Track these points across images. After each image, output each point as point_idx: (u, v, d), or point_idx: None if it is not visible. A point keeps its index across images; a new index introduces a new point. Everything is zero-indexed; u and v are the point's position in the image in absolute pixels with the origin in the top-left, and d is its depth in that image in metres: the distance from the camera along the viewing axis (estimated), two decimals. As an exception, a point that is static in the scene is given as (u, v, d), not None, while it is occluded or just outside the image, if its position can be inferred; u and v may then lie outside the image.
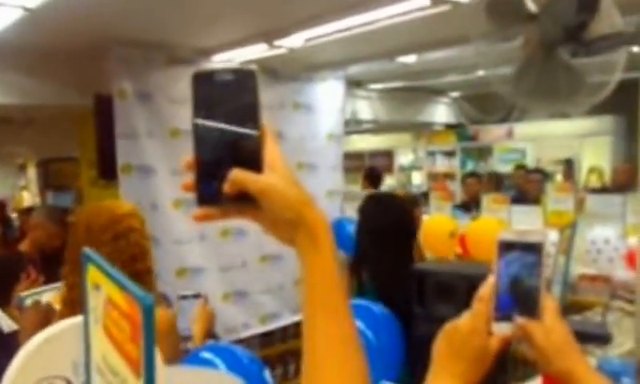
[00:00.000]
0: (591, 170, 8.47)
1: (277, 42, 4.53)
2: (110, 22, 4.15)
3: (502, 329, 1.01)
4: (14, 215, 9.57)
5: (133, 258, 2.00)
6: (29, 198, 11.17)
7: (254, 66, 0.89)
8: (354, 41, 4.44)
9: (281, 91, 5.72)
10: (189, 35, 4.68)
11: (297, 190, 0.80)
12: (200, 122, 0.77)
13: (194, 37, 4.73)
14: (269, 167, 0.78)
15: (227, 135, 0.77)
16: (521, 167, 7.93)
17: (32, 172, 10.96)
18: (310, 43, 4.51)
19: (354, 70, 6.07)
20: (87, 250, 0.80)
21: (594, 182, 8.05)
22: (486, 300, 1.02)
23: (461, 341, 1.01)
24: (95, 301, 0.76)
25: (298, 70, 5.74)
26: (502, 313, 1.01)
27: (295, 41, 4.47)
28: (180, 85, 5.00)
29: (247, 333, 5.57)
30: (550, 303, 1.03)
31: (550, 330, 1.01)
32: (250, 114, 0.78)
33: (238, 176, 0.76)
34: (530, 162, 8.90)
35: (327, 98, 6.13)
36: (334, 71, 6.03)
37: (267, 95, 5.60)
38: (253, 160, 0.77)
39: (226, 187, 0.76)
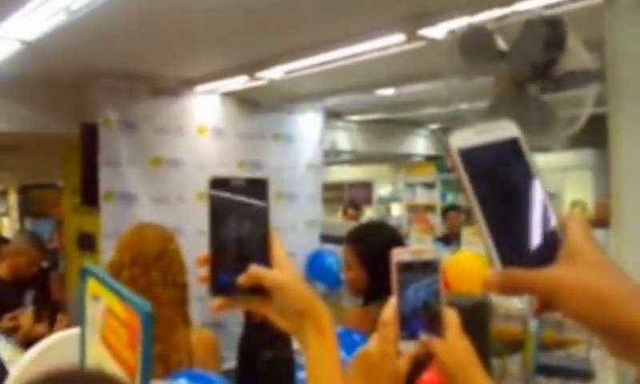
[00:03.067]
0: (574, 204, 8.50)
1: (258, 74, 4.64)
2: (96, 53, 4.26)
3: (408, 347, 1.03)
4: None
5: (185, 272, 2.16)
6: (8, 224, 11.08)
7: (265, 176, 0.98)
8: (333, 73, 4.56)
9: (261, 121, 5.81)
10: (173, 66, 4.79)
11: (305, 285, 0.92)
12: (215, 221, 0.87)
13: (177, 68, 4.84)
14: (278, 264, 0.89)
15: (240, 234, 0.88)
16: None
17: (13, 198, 10.89)
18: (289, 75, 4.63)
19: (333, 101, 6.18)
20: (89, 265, 0.86)
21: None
22: (390, 323, 1.04)
23: (372, 366, 1.03)
24: (93, 311, 0.82)
25: (278, 100, 5.85)
26: (408, 332, 1.03)
27: (275, 73, 4.59)
28: (164, 114, 5.10)
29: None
30: (451, 320, 1.06)
31: (451, 346, 1.04)
32: (260, 216, 0.89)
33: (255, 271, 0.87)
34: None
35: (307, 129, 6.23)
36: (313, 103, 6.14)
37: (247, 125, 5.70)
38: (264, 257, 0.88)
39: (243, 280, 0.86)
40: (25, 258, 4.27)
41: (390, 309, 1.04)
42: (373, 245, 2.51)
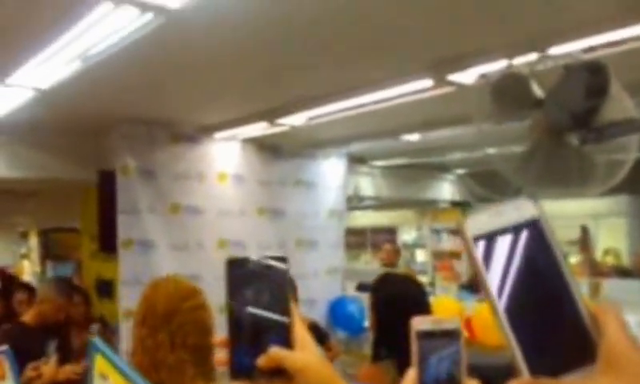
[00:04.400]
0: (606, 252, 8.24)
1: (279, 120, 4.55)
2: (114, 100, 4.23)
3: None
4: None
5: (205, 331, 2.07)
6: (29, 266, 11.12)
7: (284, 255, 0.92)
8: (357, 119, 4.45)
9: (282, 168, 5.73)
10: (192, 113, 4.74)
11: (328, 367, 0.87)
12: (234, 303, 0.85)
13: (197, 114, 4.79)
14: (300, 346, 0.85)
15: (260, 316, 0.85)
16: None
17: (33, 241, 10.96)
18: (312, 122, 4.53)
19: (357, 146, 6.08)
20: (96, 339, 0.82)
21: (611, 264, 7.82)
22: None
23: None
24: None
25: (300, 146, 5.77)
26: None
27: (298, 119, 4.50)
28: (183, 161, 5.04)
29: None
30: None
31: None
32: (280, 296, 0.86)
33: (276, 353, 0.83)
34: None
35: (329, 175, 6.14)
36: (336, 148, 6.06)
37: (268, 172, 5.62)
38: (284, 338, 0.84)
39: (263, 362, 0.82)
40: (51, 305, 4.25)
41: (410, 380, 0.98)
42: (388, 294, 2.46)
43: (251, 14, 2.72)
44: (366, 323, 2.78)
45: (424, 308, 2.47)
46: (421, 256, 10.92)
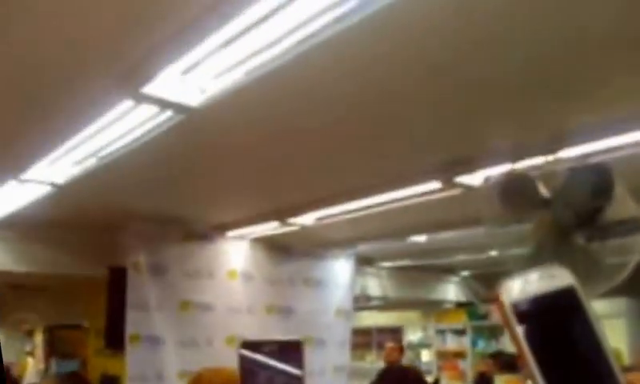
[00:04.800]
0: (611, 355, 8.16)
1: (289, 220, 4.63)
2: (127, 197, 4.31)
3: None
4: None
5: None
6: (33, 364, 10.89)
7: (300, 340, 0.96)
8: (365, 220, 4.53)
9: (291, 266, 5.77)
10: (204, 211, 4.84)
11: None
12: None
13: (209, 213, 4.88)
14: None
15: None
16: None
17: (39, 338, 10.77)
18: (321, 222, 4.61)
19: (365, 247, 6.14)
20: None
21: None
22: None
23: None
24: None
25: (310, 246, 5.83)
26: None
27: (307, 219, 4.57)
28: (194, 259, 5.09)
29: None
30: None
31: None
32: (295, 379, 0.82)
33: None
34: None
35: (338, 275, 6.17)
36: (344, 249, 6.12)
37: (277, 270, 5.65)
38: None
39: None
40: None
41: None
42: None
43: (263, 114, 2.78)
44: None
45: None
46: (426, 356, 10.73)
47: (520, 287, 0.63)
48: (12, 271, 5.15)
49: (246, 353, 0.95)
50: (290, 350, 1.03)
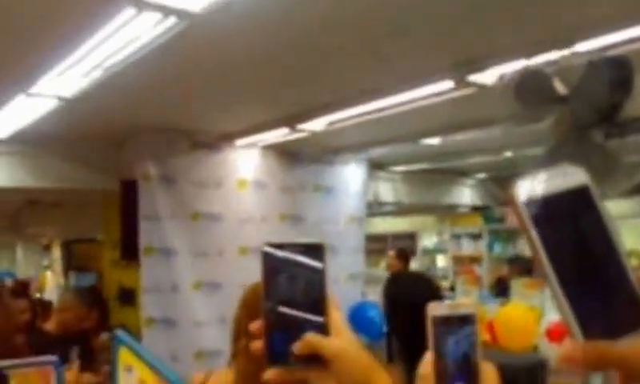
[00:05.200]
0: (629, 254, 8.14)
1: (298, 126, 4.54)
2: (134, 109, 4.27)
3: None
4: (37, 295, 9.57)
5: None
6: (52, 278, 11.20)
7: (322, 242, 0.92)
8: (377, 124, 4.43)
9: (301, 173, 5.72)
10: (212, 121, 4.77)
11: (365, 354, 0.86)
12: (269, 288, 0.84)
13: (216, 122, 4.81)
14: (336, 332, 0.84)
15: (295, 301, 0.84)
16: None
17: (56, 252, 11.05)
18: (331, 127, 4.52)
19: (377, 152, 6.05)
20: (120, 332, 0.87)
21: (634, 265, 7.71)
22: (427, 378, 1.01)
23: None
24: (126, 382, 0.80)
25: (320, 152, 5.76)
26: None
27: (317, 124, 4.48)
28: (203, 169, 5.06)
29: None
30: (489, 373, 1.04)
31: None
32: (317, 282, 0.85)
33: (312, 339, 0.82)
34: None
35: (349, 181, 6.12)
36: (355, 154, 6.04)
37: (288, 178, 5.61)
38: (320, 325, 0.84)
39: (299, 349, 0.82)
40: (72, 314, 4.30)
41: (427, 363, 1.01)
42: (396, 293, 2.46)
43: (271, 18, 2.72)
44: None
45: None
46: (441, 261, 10.86)
47: (533, 186, 0.62)
48: (27, 187, 5.21)
49: (270, 251, 0.91)
50: (313, 251, 1.02)
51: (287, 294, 0.84)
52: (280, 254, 0.85)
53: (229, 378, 2.02)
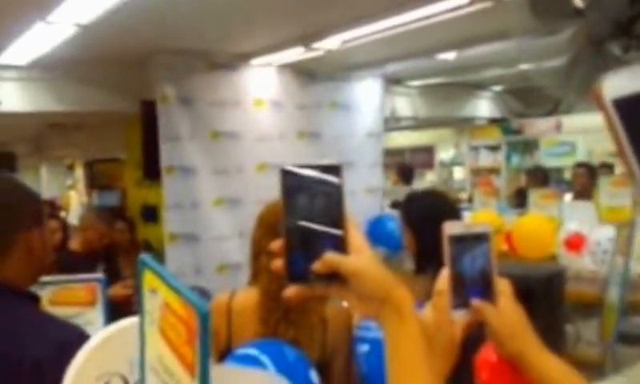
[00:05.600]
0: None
1: (314, 45, 4.52)
2: (152, 32, 4.28)
3: (461, 315, 1.07)
4: (62, 213, 9.83)
5: None
6: (76, 197, 11.42)
7: (339, 162, 0.93)
8: (392, 40, 4.39)
9: (318, 91, 5.73)
10: (228, 41, 4.75)
11: (383, 271, 0.87)
12: (288, 208, 0.85)
13: (232, 42, 4.80)
14: (356, 250, 0.85)
15: (314, 221, 0.85)
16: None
17: (79, 172, 11.21)
18: (347, 45, 4.49)
19: (393, 67, 6.00)
20: (145, 256, 0.84)
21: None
22: (443, 293, 1.07)
23: (429, 337, 1.03)
24: (151, 304, 0.81)
25: (335, 70, 5.74)
26: (461, 301, 1.07)
27: (332, 43, 4.46)
28: (220, 89, 5.09)
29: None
30: (503, 288, 1.09)
31: (503, 312, 1.06)
32: (335, 202, 0.86)
33: (330, 258, 0.83)
34: (581, 155, 8.59)
35: (365, 97, 6.12)
36: (371, 70, 6.00)
37: (304, 96, 5.63)
38: (339, 243, 0.85)
39: (318, 268, 0.83)
40: (95, 232, 4.47)
41: (444, 279, 1.08)
42: (419, 211, 2.46)
43: None
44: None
45: (454, 216, 2.47)
46: (459, 173, 10.89)
47: (623, 81, 0.59)
48: (48, 111, 5.31)
49: (288, 171, 0.93)
50: (330, 172, 1.04)
51: (306, 214, 0.85)
52: (298, 174, 0.86)
53: (253, 296, 2.06)
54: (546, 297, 2.83)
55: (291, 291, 0.85)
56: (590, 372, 3.05)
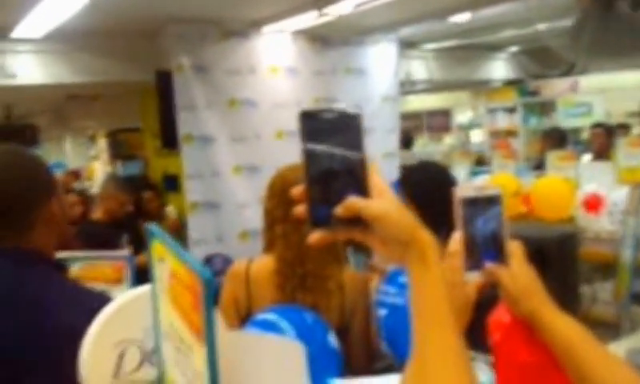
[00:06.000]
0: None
1: (326, 10, 4.52)
2: (165, 1, 4.30)
3: (474, 277, 1.10)
4: (87, 183, 9.99)
5: None
6: (100, 167, 11.54)
7: (358, 110, 0.94)
8: (405, 2, 4.39)
9: (332, 57, 5.73)
10: (241, 8, 4.76)
11: (407, 214, 0.86)
12: (309, 153, 0.84)
13: (245, 9, 4.81)
14: (378, 193, 0.84)
15: (335, 166, 0.84)
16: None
17: (102, 142, 11.31)
18: (359, 8, 4.49)
19: (407, 31, 5.98)
20: (152, 226, 0.87)
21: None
22: (456, 254, 1.09)
23: None
24: (160, 272, 0.84)
25: (349, 34, 5.72)
26: (473, 262, 1.09)
27: (345, 7, 4.46)
28: (234, 57, 5.12)
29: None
30: (516, 249, 1.11)
31: (516, 273, 1.08)
32: (355, 145, 0.85)
33: (353, 202, 0.82)
34: (598, 116, 8.50)
35: (380, 61, 6.10)
36: (385, 34, 5.97)
37: (317, 61, 5.64)
38: (361, 187, 0.84)
39: (340, 212, 0.82)
40: (115, 201, 4.54)
41: (456, 241, 1.10)
42: (421, 184, 2.43)
43: None
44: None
45: (453, 184, 2.46)
46: (475, 136, 10.82)
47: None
48: (65, 83, 5.36)
49: (308, 115, 0.95)
50: (349, 118, 1.04)
51: (327, 158, 0.84)
52: (318, 117, 0.85)
53: (269, 263, 2.08)
54: (559, 258, 2.84)
55: (314, 237, 0.84)
56: (606, 331, 3.07)
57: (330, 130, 0.84)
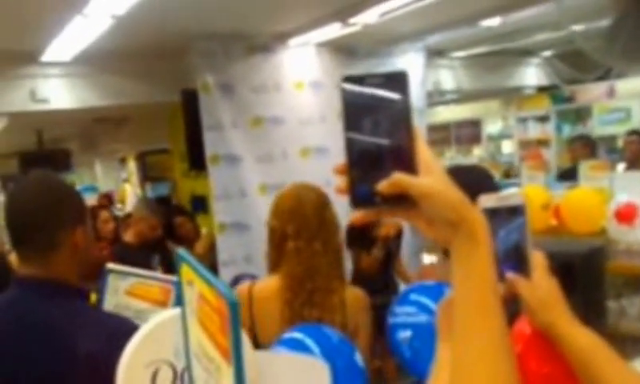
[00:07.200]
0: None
1: (351, 20, 4.46)
2: (188, 18, 4.29)
3: None
4: (119, 206, 10.08)
5: (339, 231, 2.19)
6: (131, 189, 11.70)
7: (404, 70, 0.87)
8: (432, 9, 4.29)
9: (359, 69, 5.62)
10: (264, 22, 4.74)
11: (455, 191, 0.80)
12: (350, 125, 0.78)
13: (269, 23, 4.78)
14: (425, 169, 0.78)
15: (380, 138, 0.77)
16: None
17: (132, 165, 11.47)
18: (385, 17, 4.40)
19: (435, 39, 5.87)
20: (181, 251, 0.88)
21: None
22: None
23: None
24: (189, 295, 0.86)
25: (375, 45, 5.65)
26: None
27: (370, 16, 4.38)
28: (259, 73, 5.08)
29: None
30: (538, 261, 1.09)
31: (536, 285, 1.08)
32: (401, 116, 0.78)
33: (399, 179, 0.76)
34: (637, 122, 8.19)
35: (408, 71, 5.99)
36: (413, 43, 5.88)
37: (343, 74, 5.54)
38: (407, 162, 0.77)
39: (385, 188, 0.76)
40: (146, 223, 4.55)
41: None
42: (461, 188, 2.37)
43: None
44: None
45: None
46: (507, 147, 10.58)
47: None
48: (92, 106, 5.41)
49: (348, 84, 0.89)
50: (394, 82, 0.97)
51: (370, 130, 0.77)
52: (360, 86, 0.78)
53: (274, 283, 2.11)
54: (586, 273, 2.78)
55: (357, 216, 0.79)
56: (634, 346, 3.05)
57: (374, 98, 0.78)
